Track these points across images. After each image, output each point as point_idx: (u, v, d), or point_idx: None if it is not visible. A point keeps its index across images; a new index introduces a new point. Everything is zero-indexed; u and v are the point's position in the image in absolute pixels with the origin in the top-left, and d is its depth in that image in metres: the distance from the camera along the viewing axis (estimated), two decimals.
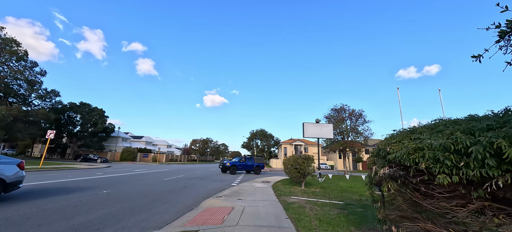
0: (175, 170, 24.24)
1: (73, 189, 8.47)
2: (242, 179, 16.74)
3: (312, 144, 53.00)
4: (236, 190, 9.86)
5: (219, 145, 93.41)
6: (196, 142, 74.97)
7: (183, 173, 19.67)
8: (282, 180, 15.99)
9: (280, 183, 13.03)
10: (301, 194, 9.00)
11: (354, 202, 7.74)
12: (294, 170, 10.76)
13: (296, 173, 10.68)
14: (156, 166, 31.29)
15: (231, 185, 12.49)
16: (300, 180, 10.89)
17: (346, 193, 9.78)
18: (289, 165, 11.41)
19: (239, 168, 22.20)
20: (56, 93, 38.46)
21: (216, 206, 6.42)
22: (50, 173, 14.45)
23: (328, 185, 12.53)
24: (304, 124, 17.73)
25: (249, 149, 65.17)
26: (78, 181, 11.08)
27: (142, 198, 7.56)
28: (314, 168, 10.72)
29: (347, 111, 27.12)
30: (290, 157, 12.06)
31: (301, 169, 10.51)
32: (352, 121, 27.28)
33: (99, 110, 46.59)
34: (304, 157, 10.74)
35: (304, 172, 10.54)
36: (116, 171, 19.08)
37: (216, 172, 23.06)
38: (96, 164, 28.59)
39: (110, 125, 48.87)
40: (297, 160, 10.78)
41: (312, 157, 10.91)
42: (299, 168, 10.57)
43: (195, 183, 12.74)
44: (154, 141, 72.05)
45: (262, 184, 12.93)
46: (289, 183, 13.12)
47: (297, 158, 10.91)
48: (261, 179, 16.94)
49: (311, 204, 7.12)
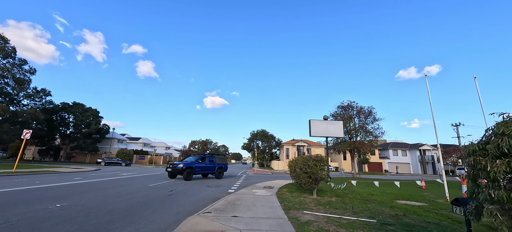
0: None
1: (20, 202, 6.49)
2: (241, 184, 14.73)
3: (316, 145, 50.91)
4: (232, 200, 7.86)
5: (219, 146, 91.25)
6: (195, 143, 72.90)
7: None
8: (287, 184, 13.96)
9: (285, 189, 11.01)
10: (315, 207, 6.98)
11: (390, 219, 5.73)
12: (303, 174, 8.75)
13: (306, 178, 8.67)
14: (150, 169, 29.29)
15: (227, 192, 10.50)
16: (311, 187, 8.87)
17: (371, 204, 7.75)
18: (297, 168, 9.42)
19: (197, 171, 16.51)
20: (46, 93, 36.61)
21: (199, 230, 4.43)
22: (19, 178, 12.48)
23: (344, 193, 10.49)
24: (310, 121, 15.76)
25: (250, 150, 63.05)
26: (39, 189, 9.09)
27: (104, 215, 5.57)
28: (328, 172, 8.71)
29: (355, 109, 25.08)
30: (298, 158, 10.06)
31: (313, 174, 8.50)
32: (360, 119, 25.25)
33: (93, 110, 44.73)
34: (316, 158, 8.74)
35: (316, 177, 8.53)
36: (100, 175, 17.09)
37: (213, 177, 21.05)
38: (83, 167, 26.65)
39: (104, 125, 47.00)
40: (307, 162, 8.78)
41: (326, 158, 8.91)
42: (310, 172, 8.56)
43: (185, 190, 10.74)
44: (152, 143, 70.08)
45: (265, 190, 10.92)
46: (296, 189, 11.11)
47: (307, 160, 8.91)
48: (262, 183, 14.93)
49: (334, 223, 5.12)
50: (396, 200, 9.11)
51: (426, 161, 48.61)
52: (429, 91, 10.12)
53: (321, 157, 8.80)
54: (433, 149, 49.71)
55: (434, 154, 49.04)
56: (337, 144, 28.10)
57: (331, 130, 16.23)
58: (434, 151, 49.61)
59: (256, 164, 35.88)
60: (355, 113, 24.93)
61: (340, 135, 16.62)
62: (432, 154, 49.14)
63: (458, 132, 44.93)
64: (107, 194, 8.54)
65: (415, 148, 50.27)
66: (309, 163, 8.70)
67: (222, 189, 11.72)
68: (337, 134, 16.51)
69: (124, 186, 11.11)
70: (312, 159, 8.82)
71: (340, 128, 16.44)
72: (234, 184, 14.54)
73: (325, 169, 8.66)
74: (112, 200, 7.51)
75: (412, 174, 45.55)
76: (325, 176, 8.59)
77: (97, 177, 15.01)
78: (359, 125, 24.80)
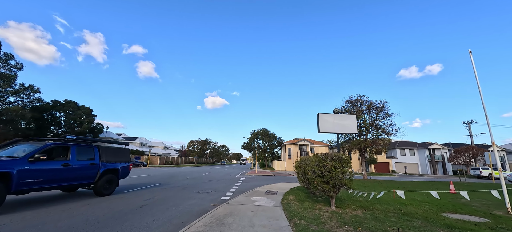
0: (160, 174, 20.11)
1: None
2: (239, 188, 12.54)
3: (319, 144, 48.68)
4: (222, 215, 5.69)
5: (219, 146, 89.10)
6: (194, 143, 70.71)
7: (164, 180, 15.52)
8: (293, 189, 11.76)
9: (292, 197, 8.80)
10: (340, 227, 4.79)
11: None
12: (318, 179, 6.54)
13: (322, 184, 6.46)
14: (142, 170, 27.15)
15: (219, 201, 8.34)
16: (329, 195, 6.67)
17: (415, 221, 5.54)
18: (308, 170, 7.24)
19: (31, 184, 6.06)
20: (34, 89, 34.62)
21: None
22: None
23: (369, 202, 8.26)
24: (319, 116, 13.64)
25: (250, 150, 60.80)
26: None
27: None
28: (352, 176, 6.50)
29: (365, 104, 22.80)
30: (309, 158, 7.89)
31: (332, 178, 6.29)
32: (371, 115, 22.98)
33: (86, 108, 42.70)
34: (335, 157, 6.52)
35: (336, 183, 6.32)
36: None
37: (208, 178, 18.91)
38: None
39: (98, 124, 44.93)
40: (323, 163, 6.58)
41: (348, 158, 6.71)
42: (327, 176, 6.35)
43: (165, 198, 8.57)
44: (149, 143, 67.98)
45: (266, 198, 8.73)
46: (306, 196, 8.90)
47: (322, 160, 6.70)
48: (263, 187, 12.75)
49: None
50: (441, 212, 6.90)
51: (435, 161, 46.20)
52: (475, 72, 7.88)
53: (341, 156, 6.59)
54: (443, 148, 47.29)
55: (444, 153, 46.61)
56: (344, 142, 25.83)
57: (343, 125, 14.07)
58: (444, 150, 47.19)
59: (257, 164, 33.77)
60: (365, 108, 22.66)
61: (353, 130, 14.41)
62: (442, 153, 46.71)
63: (470, 129, 42.51)
64: (62, 207, 6.37)
65: (423, 147, 47.87)
66: (326, 163, 6.49)
67: (214, 196, 9.53)
68: (350, 130, 14.31)
69: (83, 196, 8.96)
70: (329, 158, 6.62)
71: (353, 122, 14.26)
72: (231, 188, 12.37)
73: (348, 172, 6.45)
74: (57, 216, 5.35)
75: (421, 175, 43.19)
76: (348, 181, 6.38)
77: None
78: (369, 121, 22.53)
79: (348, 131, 14.46)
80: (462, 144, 49.46)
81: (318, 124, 13.47)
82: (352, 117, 14.41)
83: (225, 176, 21.17)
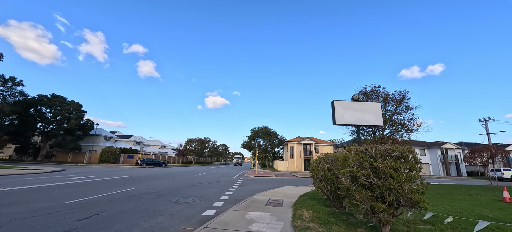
0: (144, 175, 17.29)
1: None
2: (233, 195, 9.69)
3: (324, 143, 45.74)
4: None
5: (218, 145, 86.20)
6: (192, 142, 67.83)
7: (143, 182, 12.69)
8: (304, 197, 8.89)
9: (309, 214, 5.92)
10: None
11: None
12: (362, 191, 3.66)
13: (370, 199, 3.59)
14: (131, 170, 24.34)
15: (199, 221, 5.51)
16: (381, 220, 3.78)
17: None
18: (340, 174, 4.39)
19: None
20: (16, 82, 31.91)
21: None
22: None
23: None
24: (334, 104, 10.74)
25: (250, 149, 57.89)
26: None
27: None
28: (425, 186, 3.64)
29: (380, 95, 19.89)
30: (340, 155, 5.14)
31: (390, 188, 3.43)
32: (387, 109, 20.06)
33: (75, 104, 39.94)
34: (392, 153, 3.66)
35: (396, 198, 3.45)
36: (39, 180, 12.19)
37: (199, 180, 16.09)
38: (51, 170, 21.76)
39: (88, 121, 42.20)
40: (371, 161, 3.71)
41: (414, 152, 3.85)
42: (381, 186, 3.48)
43: (120, 213, 5.74)
44: (145, 141, 65.18)
45: (268, 214, 5.89)
46: (329, 213, 6.01)
47: (368, 156, 3.83)
48: (264, 194, 9.89)
49: None
50: None
51: (449, 161, 43.13)
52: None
53: (404, 151, 3.73)
54: (457, 147, 44.24)
55: (458, 153, 43.54)
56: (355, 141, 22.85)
57: (365, 115, 11.13)
58: (458, 149, 44.13)
59: (257, 164, 31.03)
60: (381, 100, 19.74)
61: (377, 122, 11.43)
62: (456, 153, 43.64)
63: (487, 127, 39.41)
64: None
65: (435, 146, 44.80)
66: (379, 164, 3.62)
67: (195, 210, 6.68)
68: (373, 121, 11.32)
69: (42, 202, 6.16)
70: (382, 154, 3.75)
71: (377, 112, 11.27)
72: (223, 195, 9.53)
73: (417, 178, 3.58)
74: None
75: (434, 176, 40.16)
76: (418, 194, 3.50)
77: (24, 184, 10.07)
78: (387, 116, 19.61)
79: (371, 123, 11.53)
80: (474, 143, 46.35)
81: (333, 114, 10.54)
82: (376, 106, 11.45)
83: (220, 178, 18.35)
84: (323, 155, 6.88)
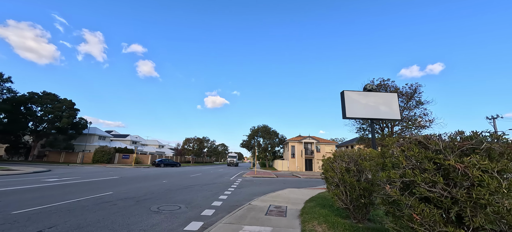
0: (132, 176, 15.84)
1: None
2: (226, 201, 8.24)
3: (326, 142, 44.29)
4: None
5: (217, 145, 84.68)
6: (190, 141, 66.34)
7: (128, 185, 11.23)
8: (311, 203, 7.46)
9: (322, 229, 4.48)
10: None
11: None
12: (426, 211, 2.22)
13: (437, 221, 2.16)
14: (123, 171, 22.87)
15: None
16: None
17: None
18: (384, 178, 2.95)
19: None
20: (4, 78, 30.43)
21: None
22: None
23: None
24: (344, 94, 9.36)
25: (250, 148, 56.43)
26: None
27: None
28: None
29: (389, 90, 18.45)
30: (367, 151, 3.70)
31: (482, 201, 2.00)
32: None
33: (67, 102, 38.41)
34: (478, 145, 2.24)
35: (486, 220, 2.03)
36: (5, 183, 10.74)
37: (192, 182, 14.66)
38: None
39: (81, 120, 40.66)
40: (443, 161, 2.27)
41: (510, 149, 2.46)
42: (465, 199, 2.05)
43: (82, 226, 4.29)
44: (142, 141, 63.68)
45: (270, 230, 4.43)
46: (348, 225, 4.55)
47: (428, 150, 2.40)
48: (264, 199, 8.45)
49: None
50: None
51: None
52: None
53: (484, 141, 2.28)
54: None
55: None
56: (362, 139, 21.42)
57: (379, 107, 9.74)
58: None
59: (256, 164, 29.65)
60: None
61: (394, 115, 9.98)
62: None
63: (495, 125, 37.99)
64: None
65: None
66: (454, 162, 2.16)
67: (176, 223, 5.24)
68: (389, 114, 9.85)
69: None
70: (456, 147, 2.29)
71: (393, 103, 9.82)
72: (215, 200, 8.08)
73: None
74: None
75: None
76: None
77: None
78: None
79: (387, 116, 10.09)
80: None
81: (343, 106, 9.12)
82: (392, 96, 10.05)
83: (216, 179, 16.91)
84: (338, 152, 5.44)
